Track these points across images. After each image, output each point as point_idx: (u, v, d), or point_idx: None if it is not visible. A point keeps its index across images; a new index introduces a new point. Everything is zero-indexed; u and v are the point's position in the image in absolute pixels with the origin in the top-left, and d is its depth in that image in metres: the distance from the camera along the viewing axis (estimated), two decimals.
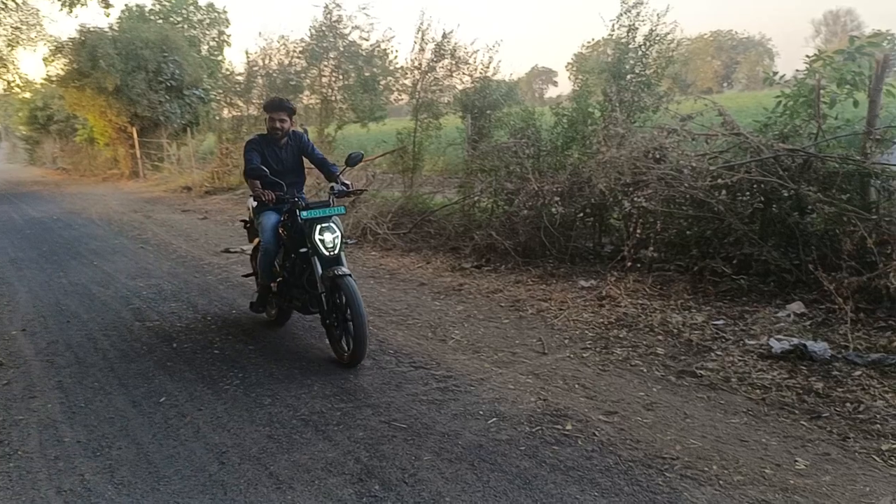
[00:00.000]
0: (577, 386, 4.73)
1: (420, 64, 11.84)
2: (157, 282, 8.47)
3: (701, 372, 4.83)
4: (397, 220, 10.71)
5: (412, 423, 4.22)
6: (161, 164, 25.51)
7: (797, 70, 7.60)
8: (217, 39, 32.16)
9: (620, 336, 5.66)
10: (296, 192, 5.75)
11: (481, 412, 4.29)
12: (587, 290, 6.96)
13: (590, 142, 8.32)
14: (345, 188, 5.70)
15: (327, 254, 5.26)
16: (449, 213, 10.26)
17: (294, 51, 17.39)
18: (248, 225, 6.54)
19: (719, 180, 6.60)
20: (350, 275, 5.13)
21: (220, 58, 31.01)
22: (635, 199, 7.25)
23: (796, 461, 3.62)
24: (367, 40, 16.47)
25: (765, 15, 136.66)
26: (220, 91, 21.98)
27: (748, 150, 6.77)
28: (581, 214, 8.20)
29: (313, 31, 16.48)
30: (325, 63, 16.62)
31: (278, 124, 5.79)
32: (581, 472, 3.56)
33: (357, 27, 16.37)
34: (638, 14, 9.05)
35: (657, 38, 9.07)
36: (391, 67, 16.47)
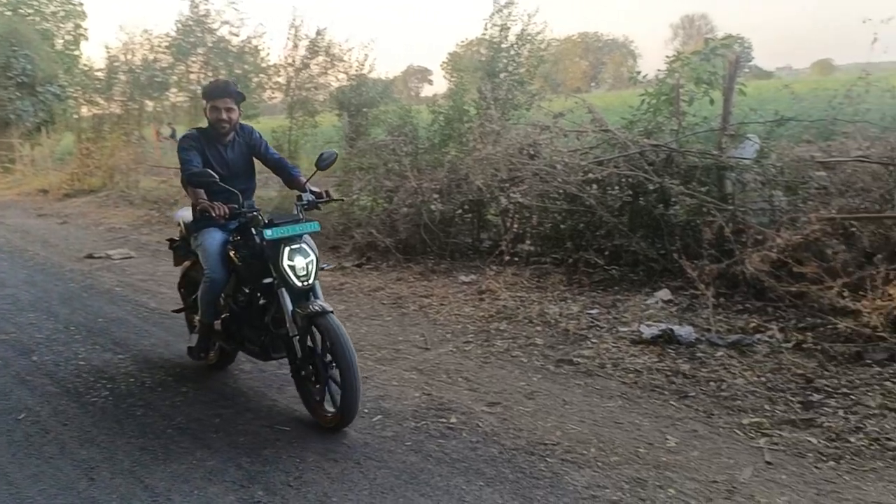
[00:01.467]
0: (460, 379, 4.78)
1: (294, 61, 11.66)
2: (12, 291, 7.86)
3: (578, 360, 5.00)
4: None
5: (296, 426, 4.13)
6: (12, 166, 23.69)
7: (658, 70, 8.02)
8: (73, 33, 30.33)
9: (501, 328, 5.77)
10: (245, 202, 4.35)
11: (366, 410, 4.25)
12: (467, 284, 7.05)
13: (466, 139, 8.44)
14: (316, 197, 4.38)
15: (299, 284, 4.00)
16: (328, 212, 10.12)
17: (159, 46, 16.66)
18: (177, 244, 5.14)
19: (590, 175, 6.86)
20: (332, 311, 3.93)
21: (76, 52, 29.24)
22: (511, 194, 7.42)
23: (667, 439, 3.81)
24: (237, 36, 16.03)
25: (627, 18, 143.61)
26: (78, 88, 20.71)
27: (616, 146, 7.08)
28: (460, 211, 8.30)
29: (179, 25, 15.85)
30: (193, 59, 16.02)
31: (224, 115, 4.44)
32: (466, 464, 3.60)
33: (226, 22, 15.92)
34: (509, 14, 9.29)
35: (528, 38, 9.33)
36: (263, 64, 16.09)
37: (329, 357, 3.94)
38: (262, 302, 4.34)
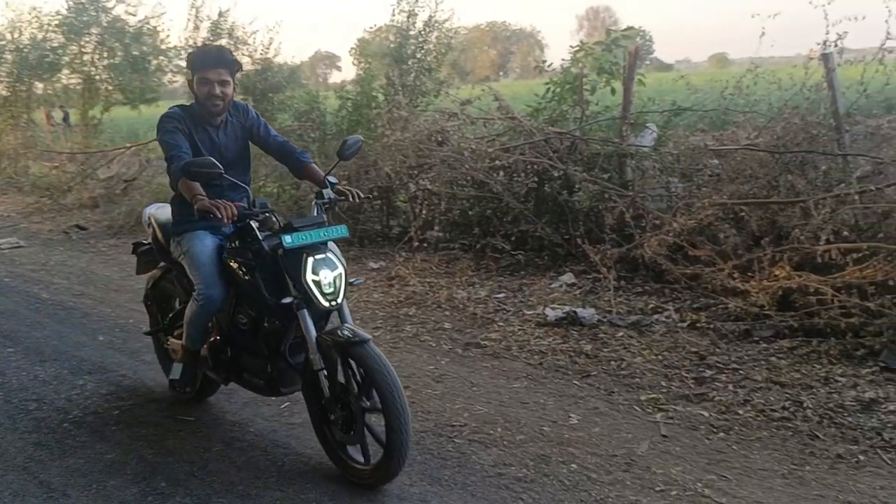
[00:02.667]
0: None
1: (195, 43, 11.26)
2: None
3: (485, 343, 5.09)
4: None
5: (201, 416, 4.05)
6: None
7: (563, 60, 8.21)
8: None
9: (410, 314, 5.80)
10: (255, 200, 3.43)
11: (274, 398, 4.20)
12: (377, 271, 7.05)
13: (374, 125, 8.40)
14: (338, 196, 3.56)
15: (326, 303, 3.20)
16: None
17: (49, 24, 15.74)
18: (144, 249, 4.31)
19: (497, 162, 6.96)
20: (370, 339, 3.16)
21: None
22: (420, 181, 7.45)
23: (570, 417, 3.94)
24: (134, 16, 15.31)
25: (536, 8, 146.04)
26: None
27: (522, 134, 7.21)
28: (368, 197, 8.26)
29: (71, 2, 15.02)
30: (87, 39, 15.23)
31: (217, 89, 3.51)
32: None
33: (122, 1, 15.17)
34: (416, 0, 9.27)
35: (436, 25, 9.35)
36: (163, 46, 15.46)
37: (366, 396, 3.19)
38: (269, 326, 3.44)
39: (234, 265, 3.47)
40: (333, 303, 3.22)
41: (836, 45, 5.69)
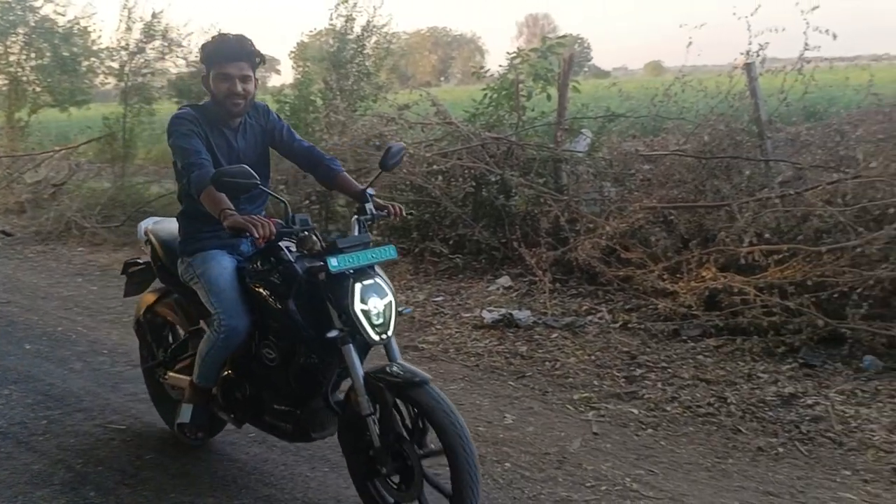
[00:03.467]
0: None
1: (127, 45, 11.02)
2: None
3: (423, 346, 5.13)
4: (108, 212, 9.90)
5: (132, 424, 3.97)
6: None
7: (500, 66, 8.33)
8: None
9: None
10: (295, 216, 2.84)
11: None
12: None
13: (312, 129, 8.37)
14: (377, 209, 3.11)
15: (376, 337, 2.76)
16: (167, 204, 9.68)
17: None
18: (138, 269, 3.81)
19: (435, 166, 7.01)
20: (430, 380, 2.72)
21: None
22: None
23: (505, 417, 4.01)
24: (63, 16, 14.85)
25: (476, 14, 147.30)
26: None
27: (460, 139, 7.28)
28: (307, 202, 8.23)
29: None
30: (14, 39, 14.72)
31: (239, 86, 3.05)
32: (311, 451, 3.59)
33: (51, 1, 14.71)
34: (355, 5, 9.28)
35: (374, 30, 9.37)
36: (94, 47, 15.03)
37: (419, 443, 2.75)
38: (305, 362, 2.95)
39: (263, 291, 2.96)
40: (384, 336, 2.77)
41: (758, 56, 5.94)
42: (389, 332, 2.79)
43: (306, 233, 2.80)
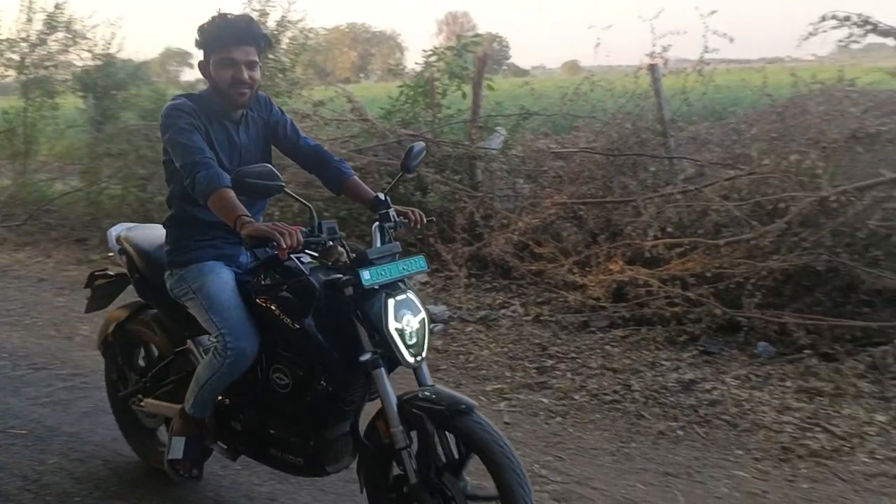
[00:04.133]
0: None
1: (28, 36, 10.54)
2: None
3: None
4: (7, 210, 9.50)
5: (34, 428, 3.85)
6: None
7: (416, 63, 8.38)
8: None
9: None
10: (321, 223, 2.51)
11: None
12: None
13: None
14: (404, 220, 2.80)
15: (411, 359, 2.44)
16: (72, 202, 9.35)
17: None
18: (108, 281, 3.41)
19: (351, 163, 6.97)
20: (475, 406, 2.39)
21: None
22: None
23: None
24: None
25: (396, 11, 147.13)
26: None
27: (375, 136, 7.30)
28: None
29: None
30: None
31: (245, 74, 2.68)
32: None
33: None
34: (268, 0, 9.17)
35: (289, 24, 9.27)
36: None
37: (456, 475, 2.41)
38: (326, 388, 2.59)
39: (274, 309, 2.60)
40: (419, 357, 2.46)
41: (661, 57, 6.19)
42: (424, 353, 2.48)
43: (331, 242, 2.46)
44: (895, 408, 3.80)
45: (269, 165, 2.42)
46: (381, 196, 2.82)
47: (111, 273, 3.41)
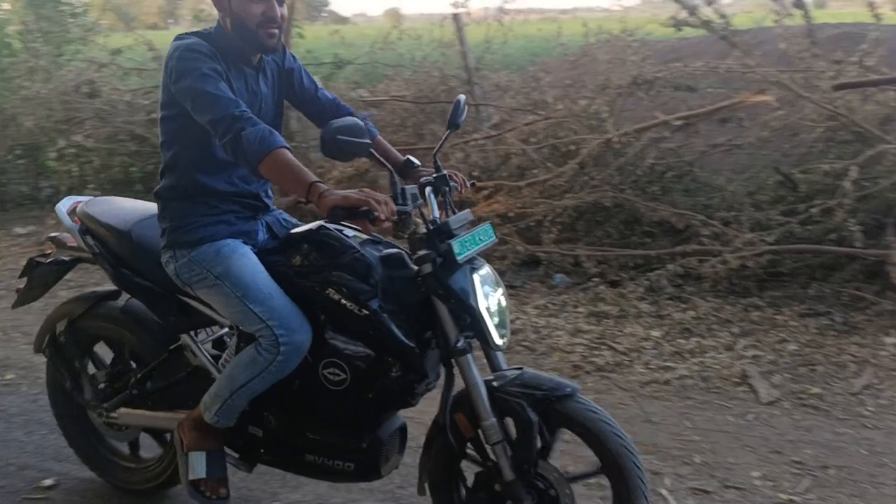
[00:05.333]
0: (17, 335, 4.47)
1: None
2: None
3: None
4: None
5: None
6: None
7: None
8: None
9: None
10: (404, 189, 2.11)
11: None
12: (26, 236, 6.46)
13: (10, 76, 7.56)
14: (454, 183, 2.35)
15: (500, 341, 2.11)
16: None
17: None
18: (52, 268, 2.75)
19: (155, 115, 6.70)
20: (579, 389, 2.14)
21: None
22: (72, 136, 6.92)
23: None
24: None
25: None
26: None
27: None
28: (10, 157, 7.47)
29: None
30: None
31: (275, 8, 2.18)
32: (26, 416, 3.45)
33: None
34: None
35: None
36: None
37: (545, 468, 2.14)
38: (396, 379, 2.19)
39: (334, 293, 2.18)
40: (506, 339, 2.14)
41: (464, 6, 6.43)
42: (509, 334, 2.19)
43: (409, 212, 2.09)
44: (668, 324, 4.34)
45: (357, 120, 2.00)
46: (413, 159, 2.49)
47: (56, 258, 2.75)
